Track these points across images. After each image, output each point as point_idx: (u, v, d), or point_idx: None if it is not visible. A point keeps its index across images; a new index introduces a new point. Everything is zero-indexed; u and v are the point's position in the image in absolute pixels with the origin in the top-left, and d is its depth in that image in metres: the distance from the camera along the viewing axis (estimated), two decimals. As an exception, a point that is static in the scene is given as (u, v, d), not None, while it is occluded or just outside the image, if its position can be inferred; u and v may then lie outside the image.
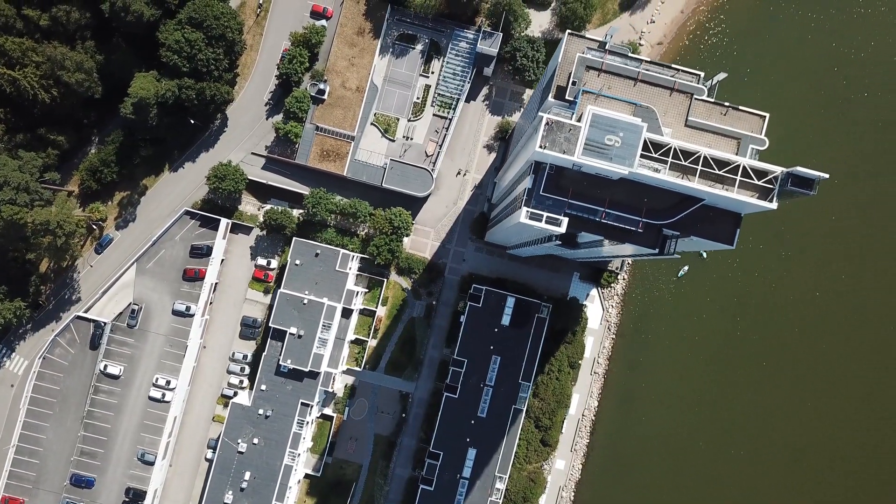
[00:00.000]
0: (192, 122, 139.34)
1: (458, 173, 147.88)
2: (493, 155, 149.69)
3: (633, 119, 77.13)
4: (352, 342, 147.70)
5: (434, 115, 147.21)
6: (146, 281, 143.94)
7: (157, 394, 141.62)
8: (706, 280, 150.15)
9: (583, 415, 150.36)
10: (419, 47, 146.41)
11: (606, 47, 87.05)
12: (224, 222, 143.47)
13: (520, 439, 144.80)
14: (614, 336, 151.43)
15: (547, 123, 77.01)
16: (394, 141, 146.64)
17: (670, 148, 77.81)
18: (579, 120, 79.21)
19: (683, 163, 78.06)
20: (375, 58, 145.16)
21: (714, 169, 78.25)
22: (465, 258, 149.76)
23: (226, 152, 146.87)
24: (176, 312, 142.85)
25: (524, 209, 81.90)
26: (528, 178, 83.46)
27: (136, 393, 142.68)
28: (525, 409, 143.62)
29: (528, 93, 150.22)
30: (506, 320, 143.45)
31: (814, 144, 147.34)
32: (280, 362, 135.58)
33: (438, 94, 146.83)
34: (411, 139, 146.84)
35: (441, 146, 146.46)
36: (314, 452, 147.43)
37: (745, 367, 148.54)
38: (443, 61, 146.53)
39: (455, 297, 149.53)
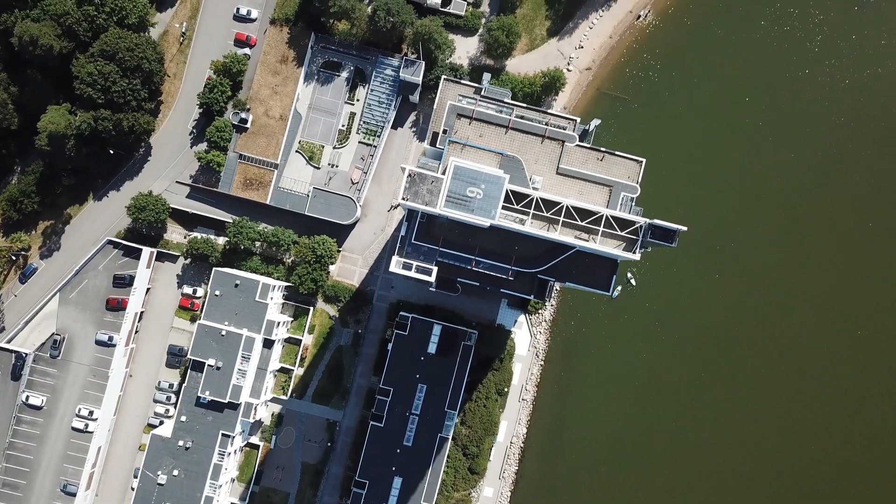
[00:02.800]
0: (112, 152, 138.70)
1: (390, 208, 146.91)
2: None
3: (495, 171, 76.88)
4: (278, 371, 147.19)
5: (360, 142, 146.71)
6: (69, 311, 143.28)
7: (79, 424, 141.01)
8: (635, 305, 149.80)
9: (511, 442, 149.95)
10: (344, 74, 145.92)
11: (482, 93, 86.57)
12: (147, 252, 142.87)
13: (447, 467, 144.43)
14: (542, 362, 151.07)
15: (409, 175, 76.76)
16: (319, 168, 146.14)
17: (532, 199, 77.39)
18: (445, 171, 78.82)
19: (546, 214, 77.62)
20: (299, 85, 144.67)
21: (577, 220, 77.87)
22: (394, 285, 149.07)
23: (150, 181, 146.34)
24: (99, 342, 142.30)
25: (395, 258, 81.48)
26: (403, 225, 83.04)
27: (59, 423, 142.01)
28: (452, 437, 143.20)
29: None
30: (432, 348, 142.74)
31: (746, 163, 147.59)
32: (199, 394, 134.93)
33: (364, 122, 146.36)
34: (337, 166, 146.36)
35: (367, 173, 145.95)
36: (241, 481, 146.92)
37: (675, 393, 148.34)
38: (368, 88, 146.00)
39: (383, 325, 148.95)
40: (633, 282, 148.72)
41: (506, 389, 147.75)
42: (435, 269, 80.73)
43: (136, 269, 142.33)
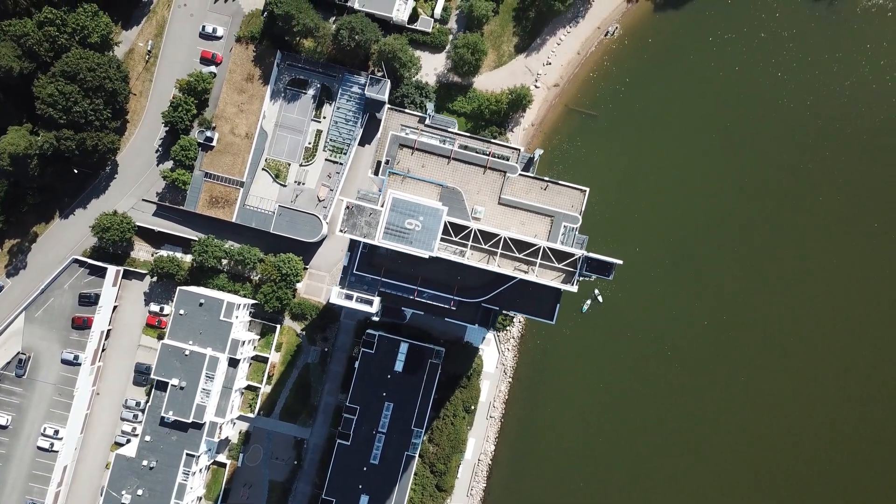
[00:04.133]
0: (77, 171, 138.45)
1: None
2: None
3: (434, 203, 76.75)
4: (245, 389, 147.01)
5: (327, 159, 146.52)
6: (35, 329, 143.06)
7: (45, 443, 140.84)
8: (603, 321, 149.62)
9: (479, 459, 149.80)
10: (311, 92, 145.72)
11: (427, 122, 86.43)
12: (112, 270, 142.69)
13: (414, 485, 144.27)
14: (511, 379, 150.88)
15: (347, 207, 76.56)
16: (285, 186, 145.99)
17: (471, 231, 77.26)
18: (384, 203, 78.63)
19: (485, 246, 77.48)
20: (265, 103, 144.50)
21: (515, 252, 77.73)
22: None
23: (117, 198, 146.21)
24: (65, 361, 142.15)
25: (335, 289, 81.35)
26: (345, 255, 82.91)
27: (25, 443, 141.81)
28: (419, 455, 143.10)
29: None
30: (399, 366, 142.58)
31: (714, 180, 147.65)
32: (163, 414, 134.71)
33: (330, 139, 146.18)
34: (303, 184, 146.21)
35: (334, 191, 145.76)
36: (208, 499, 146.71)
37: (643, 409, 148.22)
38: (334, 106, 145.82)
39: (351, 343, 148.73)
40: (599, 298, 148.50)
41: (473, 407, 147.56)
42: (377, 299, 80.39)
43: (101, 287, 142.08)
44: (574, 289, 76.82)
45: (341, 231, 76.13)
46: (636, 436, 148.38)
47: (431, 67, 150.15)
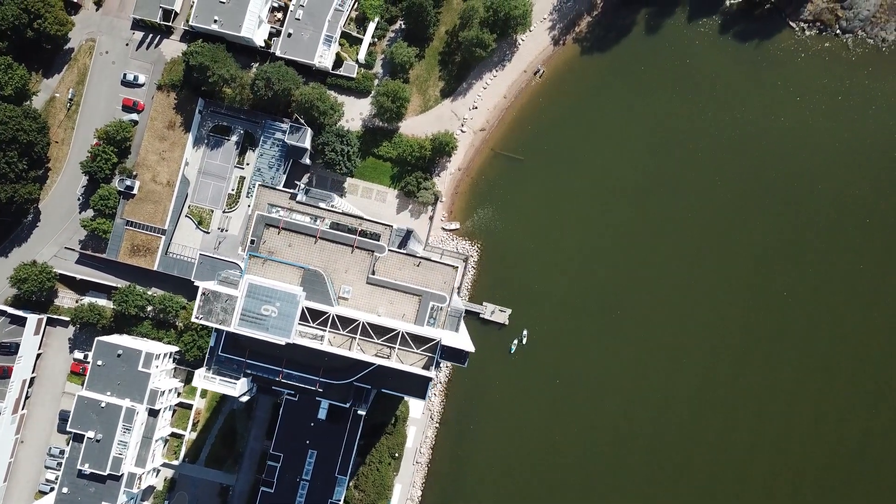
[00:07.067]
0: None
1: None
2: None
3: (290, 288, 76.43)
4: (170, 436, 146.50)
5: (249, 206, 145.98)
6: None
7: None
8: (530, 363, 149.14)
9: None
10: (234, 138, 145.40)
11: (298, 199, 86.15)
12: (33, 319, 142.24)
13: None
14: (438, 424, 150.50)
15: (203, 293, 76.15)
16: (209, 233, 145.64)
17: (329, 317, 76.99)
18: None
19: (343, 332, 77.21)
20: (188, 151, 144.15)
21: (374, 338, 77.45)
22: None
23: (39, 246, 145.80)
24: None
25: (199, 372, 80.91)
26: (212, 335, 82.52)
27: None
28: (345, 502, 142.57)
29: (349, 181, 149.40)
30: (322, 414, 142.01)
31: (638, 221, 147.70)
32: (79, 466, 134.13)
33: (253, 185, 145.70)
34: (226, 231, 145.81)
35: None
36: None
37: (570, 452, 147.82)
38: (258, 152, 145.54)
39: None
40: (524, 341, 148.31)
41: (396, 455, 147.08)
42: (239, 382, 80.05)
43: (21, 336, 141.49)
44: (433, 374, 76.48)
45: (196, 318, 75.67)
46: (564, 478, 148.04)
47: (357, 112, 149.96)
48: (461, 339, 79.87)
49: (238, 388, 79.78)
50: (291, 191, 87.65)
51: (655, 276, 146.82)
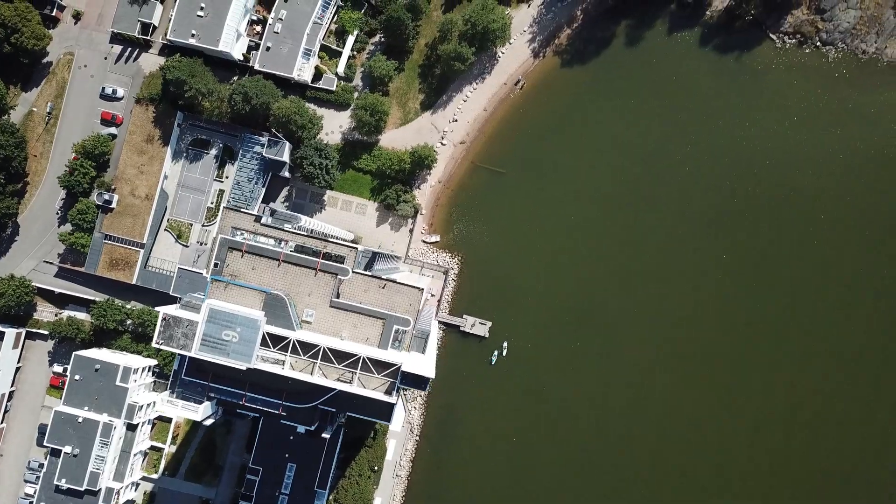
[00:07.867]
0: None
1: None
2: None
3: (252, 313, 76.25)
4: (150, 449, 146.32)
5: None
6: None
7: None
8: (510, 375, 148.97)
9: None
10: (213, 152, 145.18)
11: (262, 221, 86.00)
12: (12, 332, 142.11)
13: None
14: (418, 437, 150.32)
15: (164, 319, 75.97)
16: (188, 246, 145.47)
17: (290, 342, 76.82)
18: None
19: (304, 357, 77.01)
20: (166, 164, 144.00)
21: (335, 363, 77.28)
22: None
23: (18, 260, 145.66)
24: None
25: (161, 396, 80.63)
26: (176, 359, 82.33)
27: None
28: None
29: (329, 194, 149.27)
30: (301, 428, 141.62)
31: (620, 234, 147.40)
32: (56, 482, 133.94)
33: (232, 198, 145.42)
34: (206, 244, 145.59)
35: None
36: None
37: (550, 466, 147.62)
38: (237, 166, 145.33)
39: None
40: (504, 353, 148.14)
41: (376, 468, 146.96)
42: (202, 406, 79.90)
43: None
44: (394, 400, 76.35)
45: (157, 343, 75.58)
46: (544, 491, 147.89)
47: (337, 125, 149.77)
48: (425, 363, 79.64)
49: (201, 412, 79.55)
50: (256, 213, 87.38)
51: (637, 285, 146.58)
